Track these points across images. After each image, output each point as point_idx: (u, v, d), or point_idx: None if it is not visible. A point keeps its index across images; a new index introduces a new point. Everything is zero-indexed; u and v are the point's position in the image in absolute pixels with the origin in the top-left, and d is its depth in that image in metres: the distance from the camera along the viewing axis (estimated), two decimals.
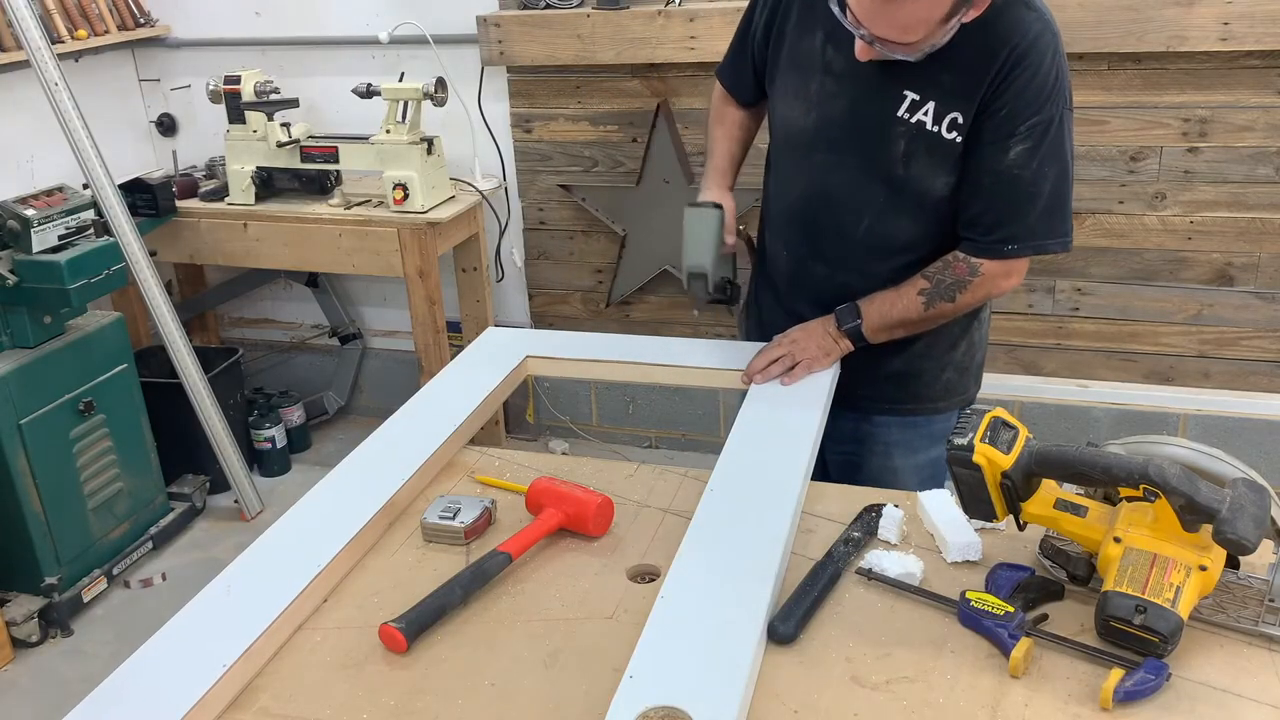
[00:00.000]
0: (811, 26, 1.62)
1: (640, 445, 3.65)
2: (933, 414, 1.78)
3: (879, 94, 1.55)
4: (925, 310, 1.61)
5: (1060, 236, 1.56)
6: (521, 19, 3.19)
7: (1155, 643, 1.08)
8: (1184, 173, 2.92)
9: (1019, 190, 1.52)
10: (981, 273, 1.58)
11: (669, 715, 1.00)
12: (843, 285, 1.69)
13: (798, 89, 1.66)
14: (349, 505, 1.39)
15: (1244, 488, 1.10)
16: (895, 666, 1.12)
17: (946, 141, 1.53)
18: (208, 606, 1.21)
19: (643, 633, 1.13)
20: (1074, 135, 1.54)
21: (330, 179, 3.29)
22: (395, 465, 1.48)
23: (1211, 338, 3.07)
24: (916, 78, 1.51)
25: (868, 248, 1.67)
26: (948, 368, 1.77)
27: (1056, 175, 1.52)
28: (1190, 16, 2.70)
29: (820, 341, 1.68)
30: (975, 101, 1.49)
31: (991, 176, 1.53)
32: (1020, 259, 1.58)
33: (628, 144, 3.33)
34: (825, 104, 1.63)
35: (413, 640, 1.18)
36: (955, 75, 1.49)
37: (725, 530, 1.30)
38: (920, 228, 1.63)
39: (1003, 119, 1.49)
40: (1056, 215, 1.55)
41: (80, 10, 3.31)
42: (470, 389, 1.69)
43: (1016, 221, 1.54)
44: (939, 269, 1.60)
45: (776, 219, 1.82)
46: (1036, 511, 1.22)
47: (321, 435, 3.80)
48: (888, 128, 1.56)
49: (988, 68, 1.47)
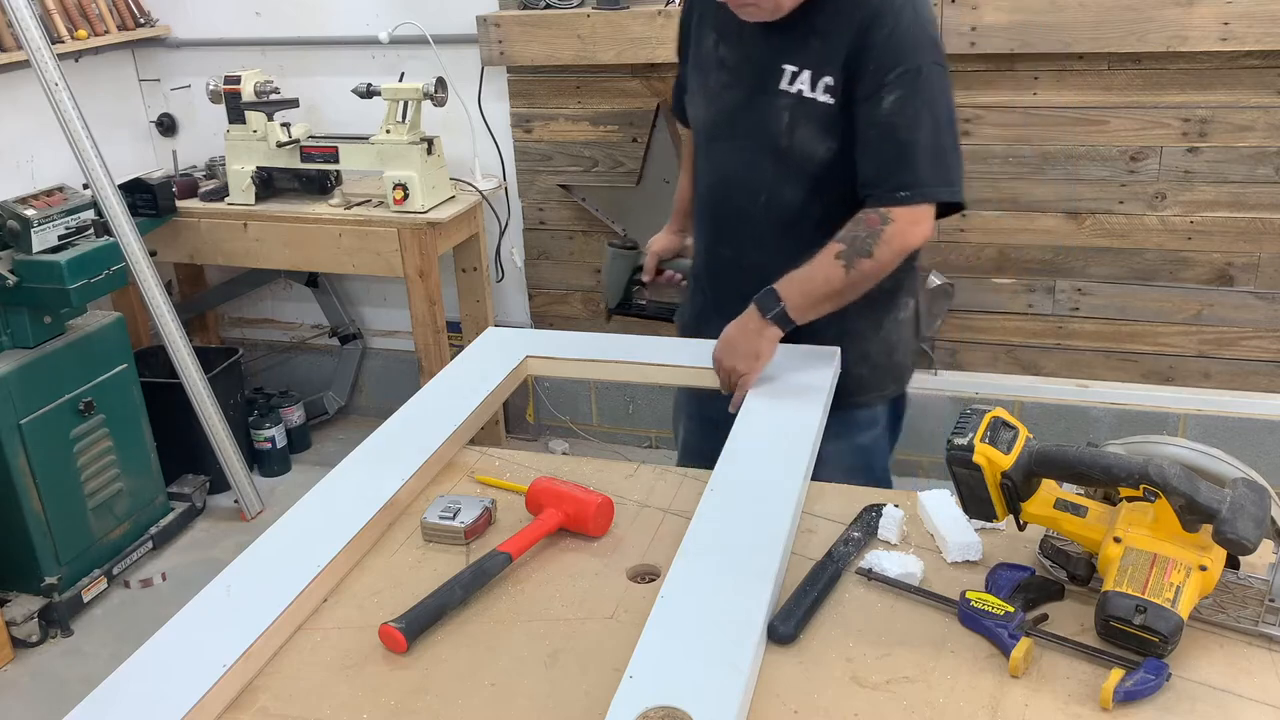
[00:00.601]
0: (707, 31, 1.76)
1: (640, 445, 3.65)
2: (850, 408, 1.77)
3: (763, 73, 1.66)
4: (847, 273, 1.61)
5: (948, 184, 1.62)
6: (521, 19, 3.19)
7: (1155, 643, 1.08)
8: (1184, 173, 2.92)
9: (899, 137, 1.58)
10: (892, 219, 1.59)
11: (669, 715, 1.00)
12: (757, 268, 1.69)
13: (700, 88, 1.79)
14: (349, 505, 1.39)
15: (1244, 488, 1.10)
16: (895, 666, 1.12)
17: (822, 105, 1.62)
18: (207, 606, 1.21)
19: (643, 633, 1.12)
20: (950, 90, 1.62)
21: (330, 179, 3.29)
22: (395, 465, 1.48)
23: (1211, 338, 3.07)
24: (792, 50, 1.62)
25: (769, 224, 1.73)
26: (860, 363, 1.78)
27: (932, 124, 1.58)
28: (1190, 16, 2.70)
29: (750, 343, 1.65)
30: (841, 63, 1.58)
31: (874, 129, 1.59)
32: (920, 205, 1.60)
33: (628, 144, 3.33)
34: (720, 96, 1.74)
35: (413, 640, 1.18)
36: (822, 40, 1.60)
37: (725, 530, 1.30)
38: (812, 196, 1.69)
39: (870, 73, 1.57)
40: (940, 164, 1.60)
41: (80, 10, 3.31)
42: (470, 389, 1.69)
43: (905, 169, 1.59)
44: (851, 227, 1.62)
45: (695, 216, 1.91)
46: (1036, 511, 1.22)
47: (321, 435, 3.80)
48: (773, 101, 1.65)
49: (848, 28, 1.57)
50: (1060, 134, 2.96)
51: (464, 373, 1.77)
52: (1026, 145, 3.00)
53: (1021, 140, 3.00)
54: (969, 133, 3.03)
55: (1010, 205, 3.08)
